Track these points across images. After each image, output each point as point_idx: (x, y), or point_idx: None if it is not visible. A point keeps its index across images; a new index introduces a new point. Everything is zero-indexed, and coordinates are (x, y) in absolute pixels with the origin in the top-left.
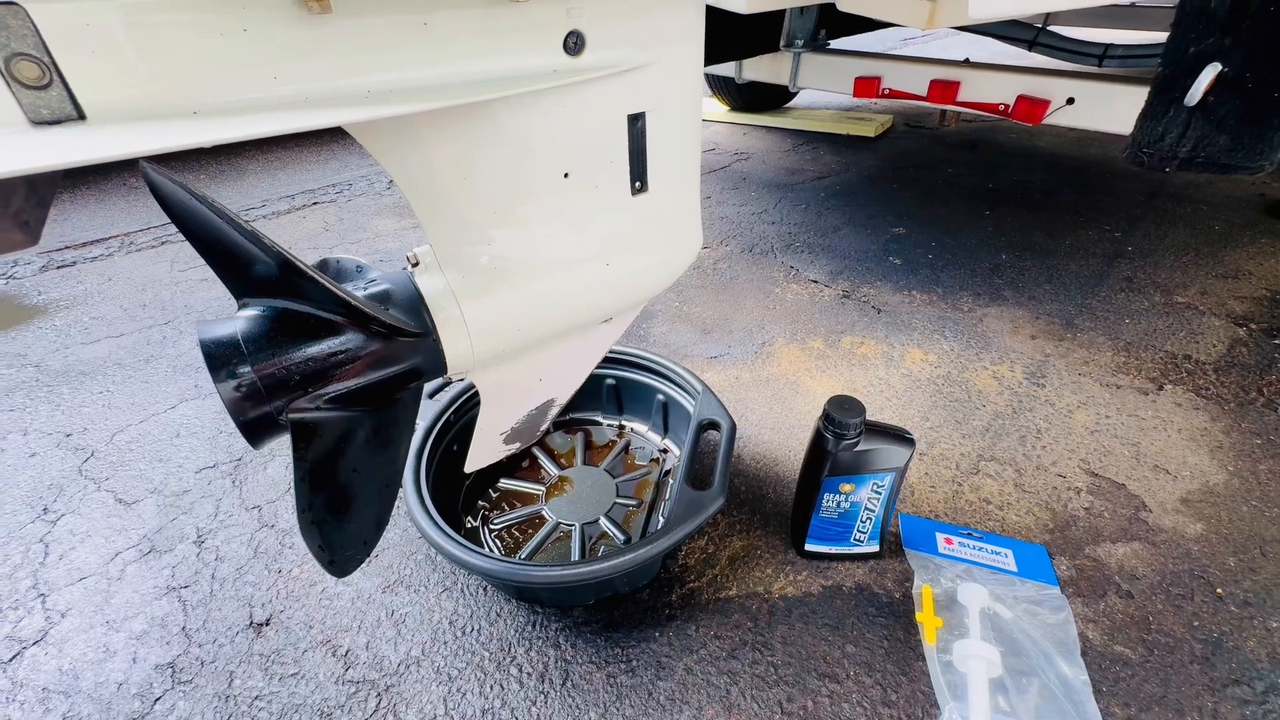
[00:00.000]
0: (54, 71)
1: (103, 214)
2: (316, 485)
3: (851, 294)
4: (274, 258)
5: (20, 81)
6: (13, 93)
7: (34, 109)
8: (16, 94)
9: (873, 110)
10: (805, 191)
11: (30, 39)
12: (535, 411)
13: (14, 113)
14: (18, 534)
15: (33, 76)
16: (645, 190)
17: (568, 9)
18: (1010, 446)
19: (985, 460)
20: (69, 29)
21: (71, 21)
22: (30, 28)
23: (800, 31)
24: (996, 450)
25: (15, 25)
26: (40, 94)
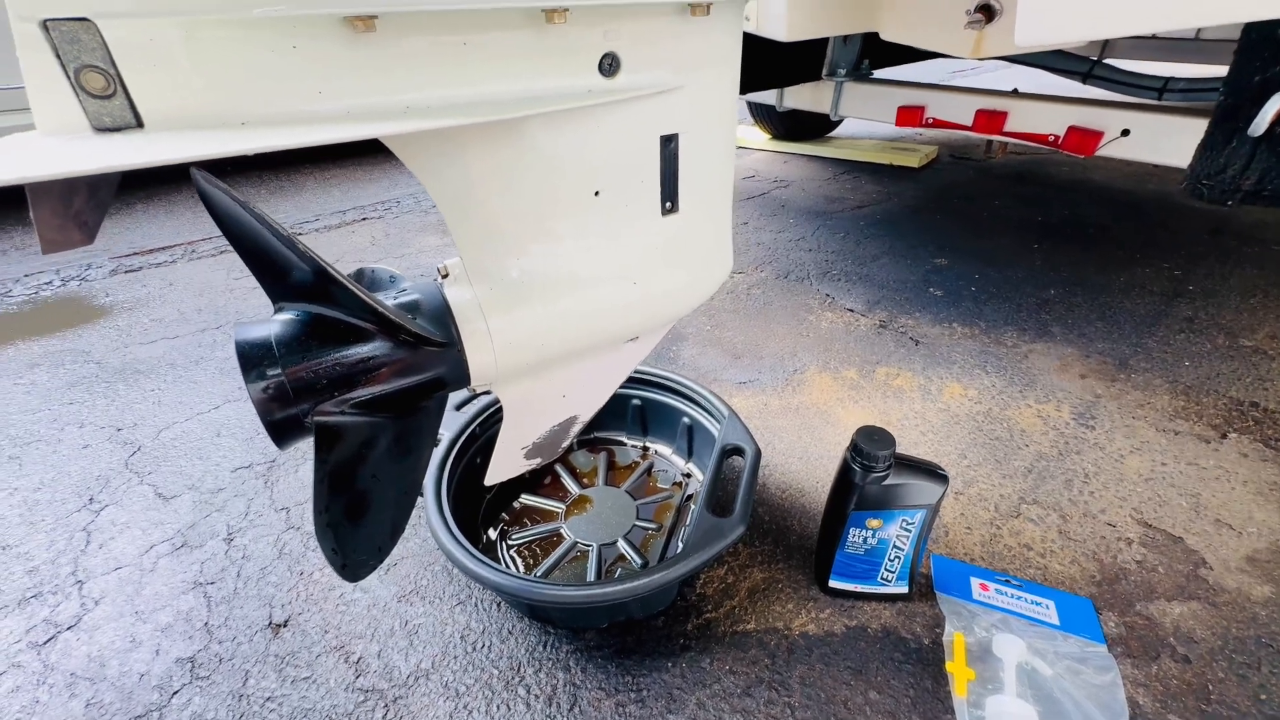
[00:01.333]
0: (118, 82)
1: (171, 223)
2: (335, 489)
3: (889, 324)
4: (309, 264)
5: (87, 91)
6: (80, 101)
7: (98, 116)
8: (83, 102)
9: (917, 140)
10: (844, 220)
11: (99, 52)
12: (558, 428)
13: (80, 119)
14: (65, 521)
15: (98, 86)
16: (676, 211)
17: (604, 32)
18: (1055, 490)
19: (1027, 503)
20: (133, 43)
21: (136, 37)
22: (99, 42)
23: (843, 61)
24: (1040, 493)
25: (86, 39)
26: (104, 103)
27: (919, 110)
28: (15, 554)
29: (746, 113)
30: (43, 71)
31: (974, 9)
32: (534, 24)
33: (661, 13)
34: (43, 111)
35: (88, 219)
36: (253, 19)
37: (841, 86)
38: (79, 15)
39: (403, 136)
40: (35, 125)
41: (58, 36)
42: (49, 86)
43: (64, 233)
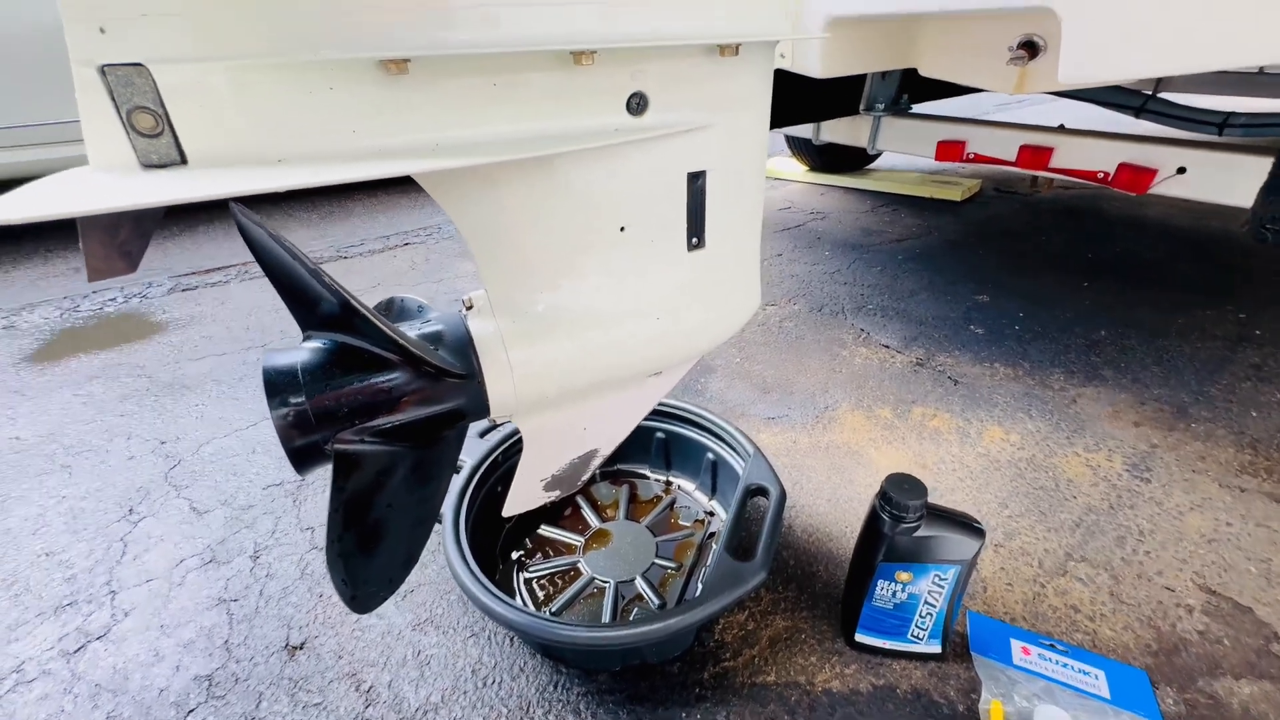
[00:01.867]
0: (166, 122)
1: (228, 245)
2: (350, 518)
3: (926, 362)
4: (335, 296)
5: (137, 130)
6: (130, 139)
7: (145, 154)
8: (133, 141)
9: (958, 174)
10: (881, 253)
11: (150, 94)
12: (578, 460)
13: (129, 157)
14: (104, 531)
15: (148, 126)
16: (702, 247)
17: (632, 73)
18: (1106, 547)
19: (1074, 560)
20: (182, 87)
21: (185, 80)
22: (151, 85)
23: (881, 96)
24: (1089, 550)
25: (139, 83)
26: (152, 141)
27: (960, 145)
28: (57, 561)
29: (783, 145)
30: (98, 112)
31: (1016, 45)
32: (563, 66)
33: (689, 54)
34: (96, 148)
35: (131, 249)
36: (294, 63)
37: (880, 121)
38: (134, 61)
39: (432, 173)
40: (88, 160)
41: (113, 80)
42: (103, 126)
43: (109, 261)
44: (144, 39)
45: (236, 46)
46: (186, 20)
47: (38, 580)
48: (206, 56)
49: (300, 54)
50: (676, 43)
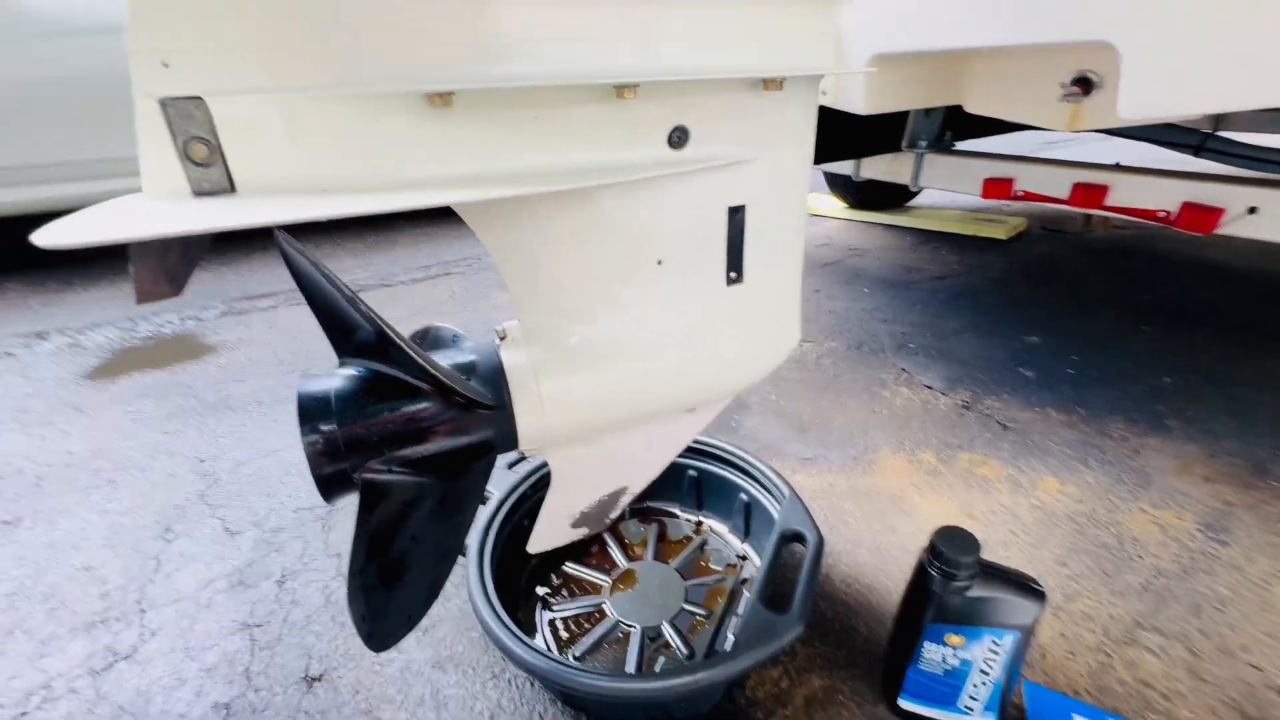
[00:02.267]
0: (219, 152)
1: (280, 272)
2: (374, 550)
3: (972, 405)
4: (370, 325)
5: (192, 160)
6: (184, 168)
7: (198, 183)
8: (187, 170)
9: (1003, 212)
10: (923, 291)
11: (206, 125)
12: (607, 498)
13: (182, 185)
14: (140, 548)
15: (202, 156)
16: (740, 281)
17: (675, 106)
18: (1180, 617)
19: (1145, 629)
20: (236, 118)
21: (239, 112)
22: (207, 116)
23: (924, 133)
24: (1160, 619)
25: (197, 115)
26: (205, 170)
27: (1008, 182)
28: (94, 576)
29: (821, 181)
30: (156, 142)
31: (1070, 81)
32: (605, 99)
33: (733, 88)
34: (151, 177)
35: (178, 274)
36: (342, 96)
37: (923, 158)
38: (193, 94)
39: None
40: (142, 188)
41: (173, 112)
42: (159, 155)
43: (157, 285)
44: (203, 73)
45: (289, 80)
46: (243, 56)
47: (74, 595)
48: (260, 89)
49: (350, 87)
50: (719, 76)
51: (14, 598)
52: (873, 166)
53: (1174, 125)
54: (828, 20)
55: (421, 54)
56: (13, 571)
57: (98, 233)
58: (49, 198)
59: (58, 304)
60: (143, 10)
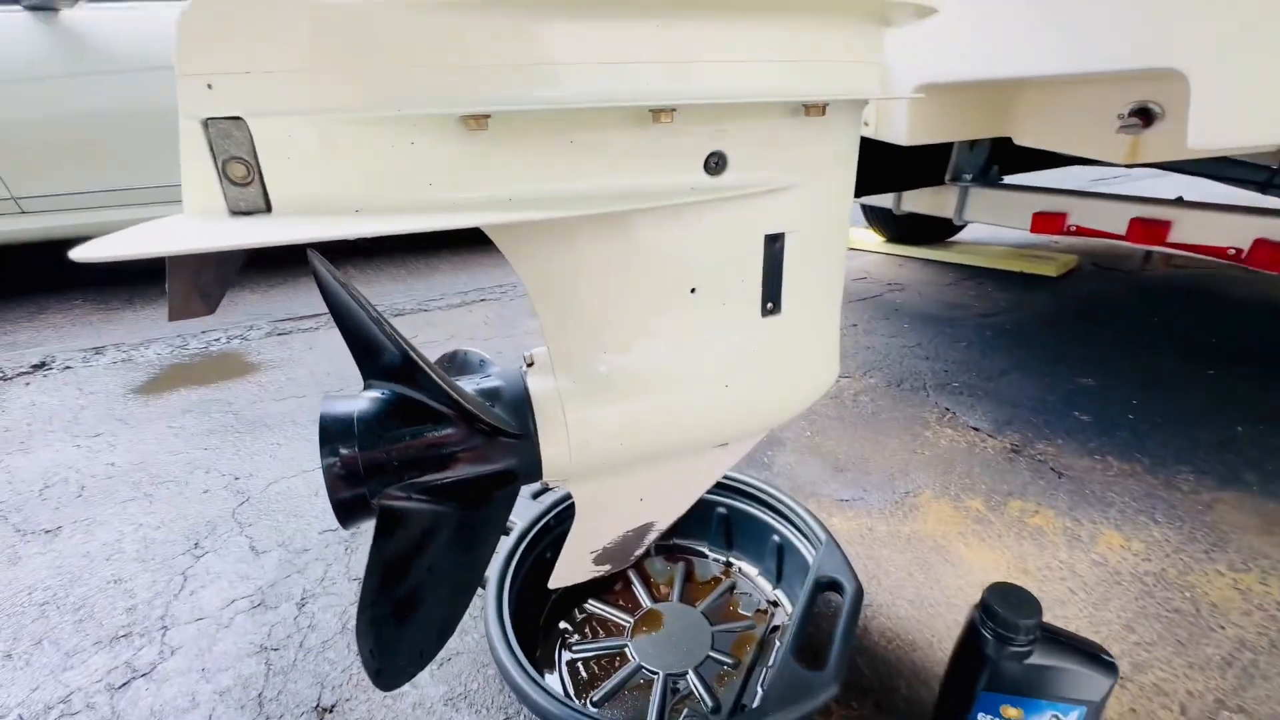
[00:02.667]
0: (257, 172)
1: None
2: (388, 581)
3: (1023, 449)
4: (396, 348)
5: (230, 179)
6: (222, 187)
7: (235, 201)
8: (225, 189)
9: (1052, 248)
10: (967, 328)
11: (245, 145)
12: (632, 534)
13: (220, 203)
14: (169, 563)
15: (240, 175)
16: (777, 313)
17: (712, 132)
18: (1272, 697)
19: (1229, 710)
20: (274, 139)
21: (278, 133)
22: (247, 136)
23: (969, 166)
24: (1247, 698)
25: (237, 135)
26: (242, 190)
27: (1059, 217)
28: (123, 589)
29: (859, 214)
30: (197, 161)
31: (1128, 113)
32: (641, 123)
33: (773, 114)
34: (191, 195)
35: (211, 292)
36: (379, 117)
37: (967, 191)
38: (234, 115)
39: (503, 226)
40: (183, 207)
41: (214, 132)
42: (200, 174)
43: (189, 302)
44: (244, 94)
45: (327, 102)
46: (283, 78)
47: (102, 607)
48: (298, 111)
49: (385, 109)
50: (757, 100)
51: (46, 607)
52: (915, 200)
53: (1238, 160)
54: (872, 44)
55: (457, 77)
56: (48, 581)
57: (133, 247)
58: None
59: (117, 321)
60: (191, 35)
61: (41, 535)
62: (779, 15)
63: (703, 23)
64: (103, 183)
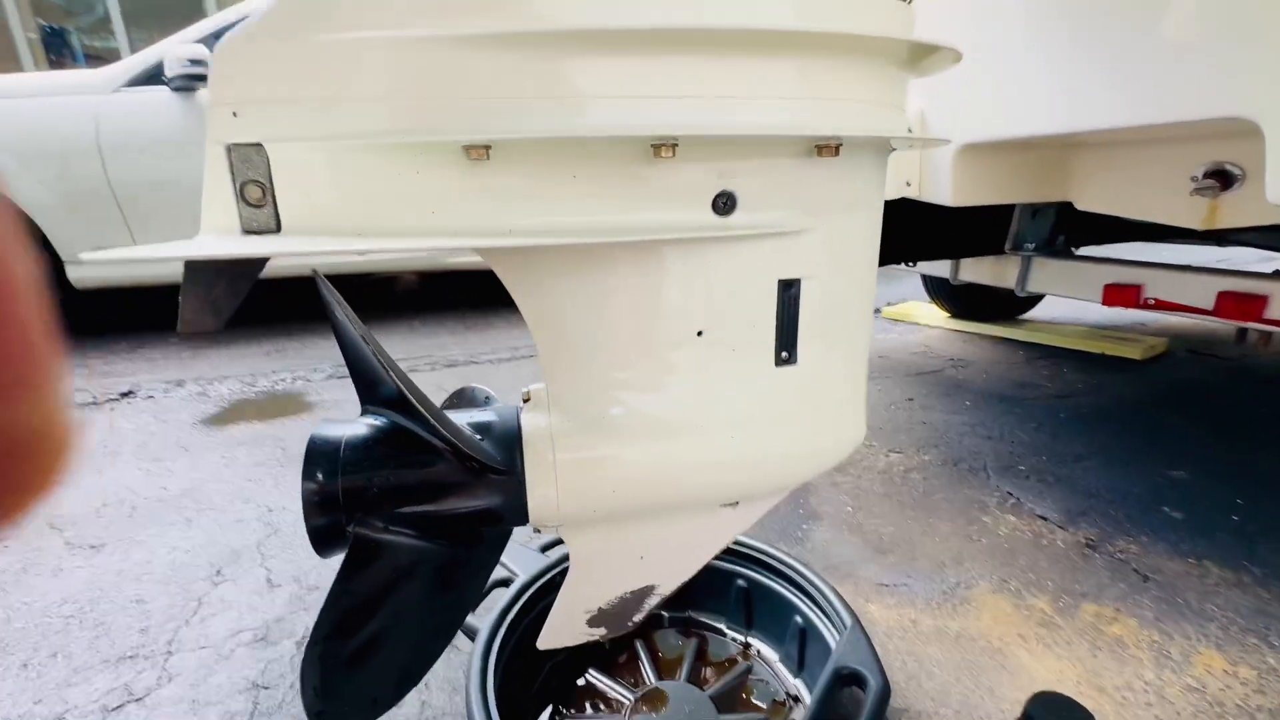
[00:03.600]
0: (271, 195)
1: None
2: (347, 619)
3: (1100, 545)
4: (387, 375)
5: (247, 200)
6: (238, 208)
7: (248, 222)
8: (240, 210)
9: (1140, 330)
10: (1038, 409)
11: (263, 170)
12: (630, 596)
13: (234, 223)
14: (188, 587)
15: (256, 197)
16: (792, 363)
17: (719, 172)
18: None
19: None
20: (290, 163)
21: (293, 158)
22: (265, 161)
23: (1032, 234)
24: None
25: (256, 160)
26: (256, 211)
27: (1134, 289)
28: (141, 610)
29: (919, 287)
30: (218, 183)
31: (1203, 174)
32: (644, 159)
33: (782, 152)
34: (209, 215)
35: (222, 307)
36: (387, 145)
37: (1030, 261)
38: (255, 141)
39: (503, 254)
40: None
41: (236, 156)
42: (219, 196)
43: (200, 315)
44: (265, 122)
45: (338, 130)
46: (300, 107)
47: (119, 626)
48: (312, 138)
49: (391, 138)
50: (762, 134)
51: (70, 620)
52: (974, 269)
53: None
54: (891, 87)
55: (461, 109)
56: (79, 595)
57: (148, 253)
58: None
59: (203, 358)
60: (222, 67)
61: (87, 550)
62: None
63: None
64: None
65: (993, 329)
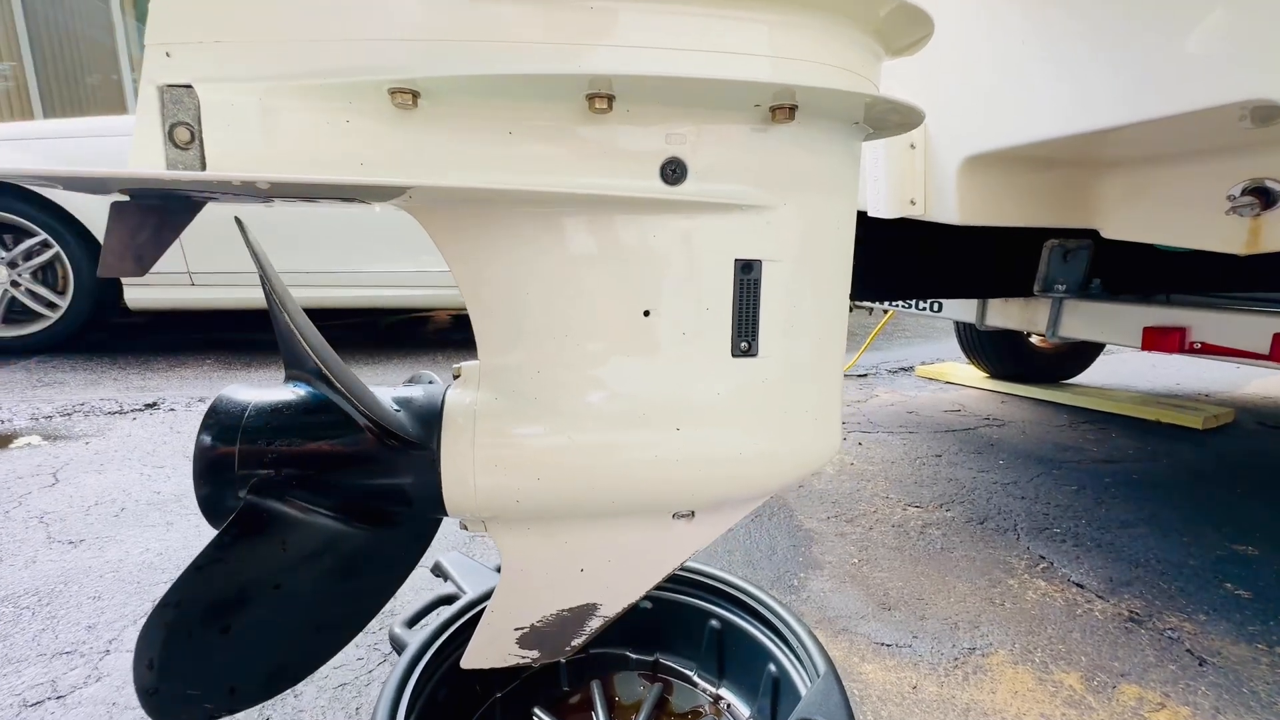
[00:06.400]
0: (199, 136)
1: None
2: (213, 589)
3: (1146, 619)
4: (296, 336)
5: (174, 142)
6: (165, 149)
7: (173, 163)
8: (167, 151)
9: (1203, 400)
10: (1080, 473)
11: (192, 112)
12: (569, 614)
13: (160, 163)
14: (147, 590)
15: (183, 140)
16: (752, 354)
17: (665, 135)
18: None
19: None
20: (218, 106)
21: (222, 100)
22: (195, 103)
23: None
24: None
25: (187, 101)
26: (182, 152)
27: (1177, 332)
28: (95, 607)
29: (954, 344)
30: (148, 125)
31: (1240, 192)
32: (582, 115)
33: (732, 116)
34: (135, 155)
35: (144, 254)
36: (314, 90)
37: (1061, 303)
38: (186, 82)
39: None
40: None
41: (168, 98)
42: (148, 137)
43: (123, 260)
44: (195, 63)
45: (266, 70)
46: (230, 48)
47: (68, 621)
48: (241, 79)
49: (315, 79)
50: (698, 75)
51: (24, 611)
52: (1001, 312)
53: None
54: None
55: (388, 49)
56: (43, 588)
57: (62, 172)
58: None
59: (231, 378)
60: (158, 8)
61: (65, 545)
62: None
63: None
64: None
65: (1034, 390)
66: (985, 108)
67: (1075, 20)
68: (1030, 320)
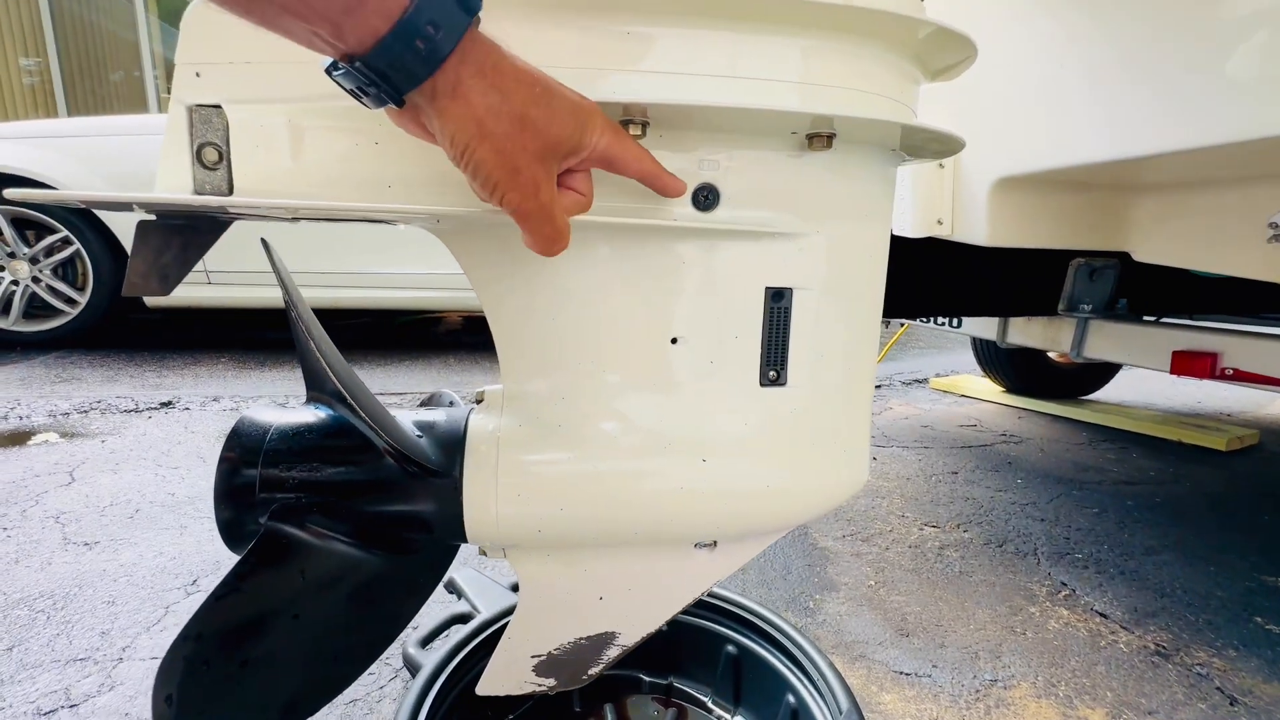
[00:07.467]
0: (227, 157)
1: (423, 379)
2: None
3: (1173, 653)
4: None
5: (202, 162)
6: (193, 170)
7: (201, 184)
8: (195, 171)
9: (1226, 420)
10: (1101, 494)
11: (220, 132)
12: (586, 642)
13: (188, 184)
14: (160, 596)
15: (211, 160)
16: (781, 384)
17: (699, 161)
18: None
19: None
20: (247, 126)
21: (251, 120)
22: (223, 124)
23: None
24: None
25: (215, 122)
26: (210, 173)
27: (1207, 357)
28: (109, 612)
29: (970, 357)
30: (176, 144)
31: None
32: None
33: (768, 142)
34: (163, 176)
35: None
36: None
37: (1087, 323)
38: (215, 103)
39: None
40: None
41: (197, 118)
42: (176, 156)
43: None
44: (225, 83)
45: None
46: (259, 69)
47: (82, 627)
48: (269, 100)
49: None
50: (733, 105)
51: (40, 615)
52: (1023, 331)
53: None
54: (895, 80)
55: None
56: (59, 590)
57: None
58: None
59: (245, 378)
60: (189, 28)
61: (80, 546)
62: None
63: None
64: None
65: (1051, 406)
66: (1023, 129)
67: (1117, 45)
68: (1053, 339)
